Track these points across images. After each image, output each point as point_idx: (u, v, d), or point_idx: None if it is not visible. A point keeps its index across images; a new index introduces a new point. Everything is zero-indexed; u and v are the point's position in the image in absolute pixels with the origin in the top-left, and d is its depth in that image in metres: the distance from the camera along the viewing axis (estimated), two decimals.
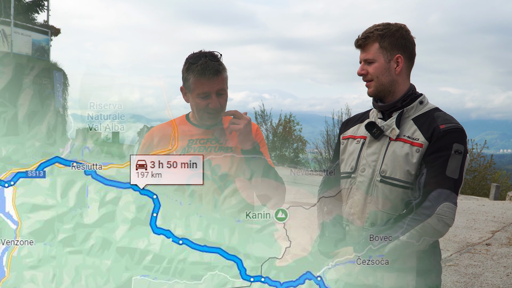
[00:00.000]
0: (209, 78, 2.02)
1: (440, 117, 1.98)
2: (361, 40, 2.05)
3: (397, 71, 2.02)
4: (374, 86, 2.04)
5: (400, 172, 1.95)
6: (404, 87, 2.05)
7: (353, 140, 2.16)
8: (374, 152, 2.04)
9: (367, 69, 2.04)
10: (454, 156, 1.88)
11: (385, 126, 2.03)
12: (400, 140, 1.98)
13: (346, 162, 2.14)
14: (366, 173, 2.03)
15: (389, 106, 2.05)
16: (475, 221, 9.00)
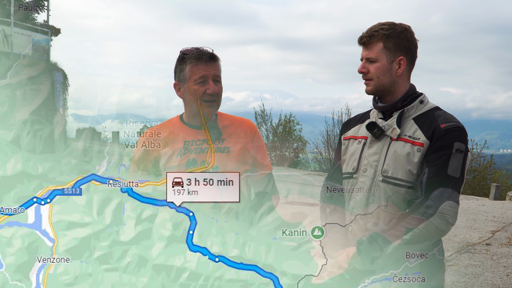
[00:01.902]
0: (206, 62, 2.05)
1: (440, 116, 1.98)
2: (365, 38, 2.04)
3: (398, 73, 2.03)
4: (373, 85, 2.05)
5: (402, 171, 1.95)
6: (404, 88, 2.05)
7: (354, 140, 2.16)
8: (375, 152, 2.04)
9: (368, 67, 2.04)
10: (455, 155, 1.89)
11: (386, 126, 2.04)
12: (401, 140, 1.98)
13: (347, 162, 2.15)
14: (368, 173, 2.04)
15: (389, 106, 2.06)
16: (475, 221, 9.02)
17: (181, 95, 2.14)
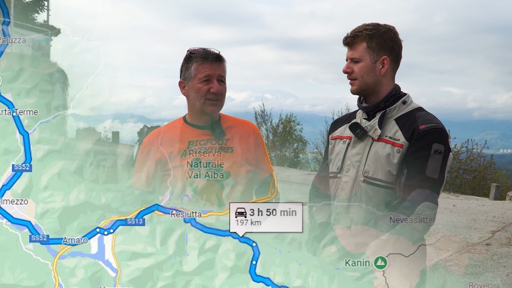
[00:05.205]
0: (211, 61, 2.08)
1: (421, 117, 2.00)
2: (349, 39, 2.07)
3: (382, 72, 2.05)
4: (357, 85, 2.07)
5: (382, 172, 1.97)
6: (388, 88, 2.08)
7: (340, 140, 2.19)
8: (358, 153, 2.07)
9: (353, 67, 2.06)
10: (434, 156, 1.90)
11: (369, 126, 2.06)
12: (382, 141, 2.01)
13: (333, 162, 2.18)
14: (350, 173, 2.06)
15: (372, 107, 2.08)
16: (475, 221, 9.03)
17: (186, 93, 2.16)
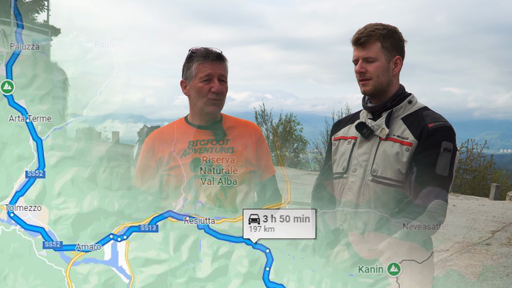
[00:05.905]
0: (212, 61, 2.08)
1: (428, 116, 2.01)
2: (364, 38, 2.04)
3: (394, 72, 2.06)
4: (372, 85, 2.06)
5: (391, 171, 1.97)
6: (395, 88, 2.08)
7: (344, 140, 2.19)
8: (365, 152, 2.06)
9: (367, 67, 2.05)
10: (443, 154, 1.91)
11: (375, 126, 2.06)
12: (390, 140, 2.01)
13: (338, 162, 2.17)
14: (357, 173, 2.06)
15: (379, 107, 2.08)
16: (475, 221, 9.03)
17: (187, 93, 2.16)
